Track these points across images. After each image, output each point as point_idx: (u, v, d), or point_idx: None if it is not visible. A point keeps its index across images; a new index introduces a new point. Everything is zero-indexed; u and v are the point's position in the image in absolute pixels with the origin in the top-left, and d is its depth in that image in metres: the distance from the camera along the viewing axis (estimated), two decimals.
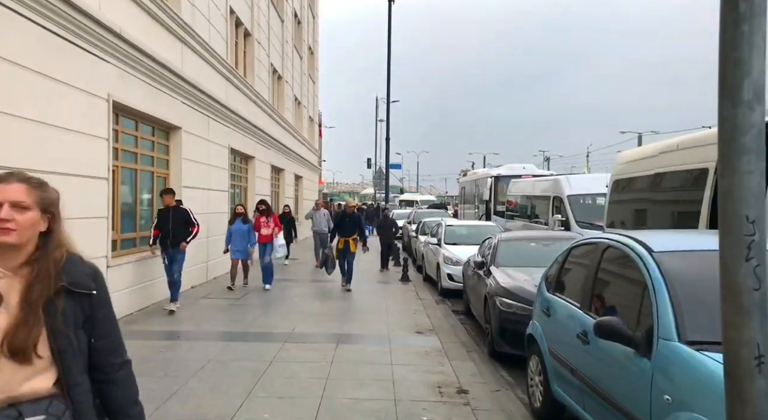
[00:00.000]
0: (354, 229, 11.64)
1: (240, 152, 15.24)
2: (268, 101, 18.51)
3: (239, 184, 15.98)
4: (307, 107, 29.39)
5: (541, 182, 14.51)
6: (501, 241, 8.33)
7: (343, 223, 11.65)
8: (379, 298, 10.65)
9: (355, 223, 11.67)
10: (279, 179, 21.98)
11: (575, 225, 11.99)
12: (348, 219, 11.62)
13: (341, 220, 11.71)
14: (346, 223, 11.61)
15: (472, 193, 23.52)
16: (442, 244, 12.35)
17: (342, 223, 11.68)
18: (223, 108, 12.92)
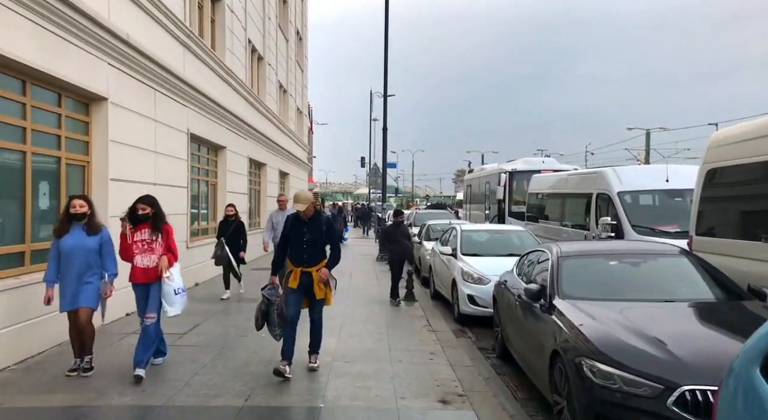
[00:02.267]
0: (317, 248, 5.84)
1: (204, 140, 12.40)
2: (244, 82, 15.68)
3: (205, 179, 13.13)
4: (294, 97, 26.57)
5: (577, 176, 11.75)
6: (563, 259, 5.54)
7: (298, 234, 5.79)
8: (378, 331, 7.86)
9: (319, 236, 5.80)
10: (259, 175, 19.15)
11: (631, 231, 9.25)
12: (306, 228, 5.78)
13: (293, 230, 5.83)
14: (301, 235, 5.77)
15: (479, 192, 20.73)
16: (459, 256, 9.57)
17: (295, 235, 5.80)
18: (177, 80, 10.09)
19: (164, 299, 5.55)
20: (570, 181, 11.96)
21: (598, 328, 4.28)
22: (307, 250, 5.76)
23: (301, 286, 5.75)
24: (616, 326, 4.27)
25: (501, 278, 7.36)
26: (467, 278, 8.87)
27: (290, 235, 5.83)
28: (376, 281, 13.19)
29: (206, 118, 12.30)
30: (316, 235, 5.79)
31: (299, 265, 5.76)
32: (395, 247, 10.30)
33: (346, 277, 13.74)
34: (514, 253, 9.55)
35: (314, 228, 5.79)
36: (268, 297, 5.81)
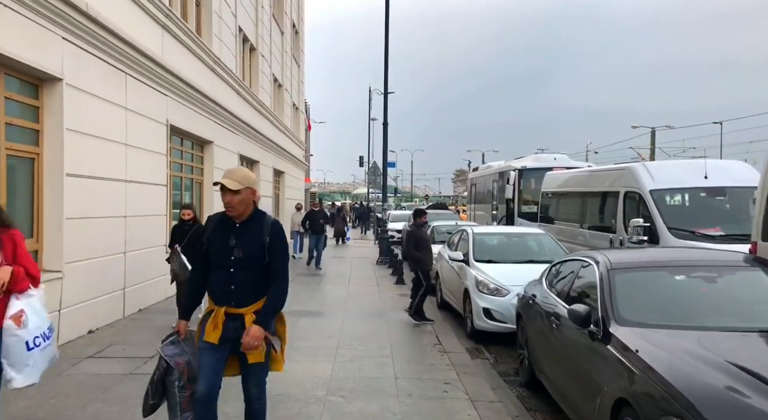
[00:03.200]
0: (254, 275, 3.32)
1: (187, 133, 11.25)
2: (234, 73, 14.53)
3: (189, 176, 11.98)
4: (290, 92, 25.42)
5: (600, 173, 10.61)
6: (616, 272, 4.40)
7: (222, 248, 3.33)
8: (381, 353, 6.71)
9: (257, 252, 3.31)
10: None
11: (668, 234, 8.13)
12: (237, 239, 3.31)
13: (216, 240, 3.36)
14: (228, 251, 3.31)
15: (485, 191, 19.59)
16: (472, 262, 8.43)
17: (219, 250, 3.34)
18: (154, 65, 8.95)
19: (5, 359, 3.23)
20: (591, 179, 10.83)
21: (686, 372, 3.14)
22: (236, 278, 3.26)
23: (225, 340, 3.29)
24: (710, 369, 3.14)
25: (526, 291, 6.23)
26: (482, 289, 7.73)
27: (210, 250, 3.33)
28: (377, 288, 12.06)
29: (189, 109, 11.15)
30: (252, 250, 3.27)
31: (222, 302, 3.28)
32: (426, 255, 8.52)
33: (344, 283, 12.62)
34: (535, 260, 8.46)
35: (251, 239, 3.28)
36: (167, 359, 3.37)
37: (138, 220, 8.42)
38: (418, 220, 8.71)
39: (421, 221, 8.72)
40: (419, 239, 8.55)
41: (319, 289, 11.65)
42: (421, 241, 8.55)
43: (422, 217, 8.76)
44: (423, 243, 8.60)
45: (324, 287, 12.01)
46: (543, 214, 13.36)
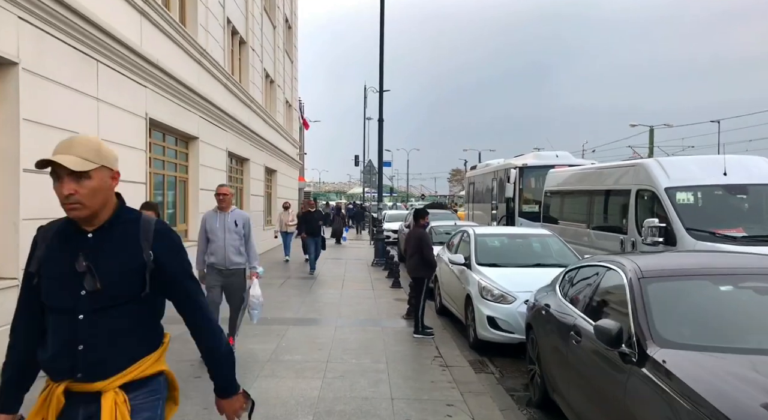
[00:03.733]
0: (121, 320, 1.93)
1: (169, 128, 10.57)
2: (222, 66, 13.85)
3: (172, 174, 11.30)
4: (282, 88, 24.73)
5: (610, 170, 9.97)
6: (648, 282, 3.76)
7: (61, 272, 1.93)
8: (376, 368, 6.06)
9: (124, 278, 1.94)
10: (242, 171, 17.32)
11: (686, 236, 7.51)
12: (87, 255, 1.92)
13: (51, 259, 1.97)
14: (72, 277, 1.92)
15: (484, 190, 18.96)
16: (474, 266, 7.79)
17: (55, 275, 1.94)
18: (130, 53, 8.27)
19: None
20: (599, 176, 10.20)
21: (744, 406, 2.53)
22: (88, 329, 1.90)
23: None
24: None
25: (537, 299, 5.60)
26: (486, 295, 7.09)
27: (42, 283, 1.96)
28: (372, 291, 11.42)
29: (172, 102, 10.48)
30: (117, 276, 1.94)
31: (60, 373, 1.91)
32: (418, 265, 7.80)
33: (338, 286, 11.97)
34: (543, 264, 7.85)
35: (115, 257, 1.96)
36: None
37: None
38: (421, 221, 8.03)
39: (423, 223, 8.04)
40: (427, 243, 7.77)
41: (310, 294, 11.00)
42: (428, 245, 7.83)
43: (424, 218, 8.09)
44: (416, 244, 7.86)
45: (316, 291, 11.35)
46: (546, 213, 12.74)
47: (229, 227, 6.06)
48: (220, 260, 6.03)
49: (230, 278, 6.11)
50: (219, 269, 6.06)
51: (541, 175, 15.16)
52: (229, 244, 6.03)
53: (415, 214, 8.16)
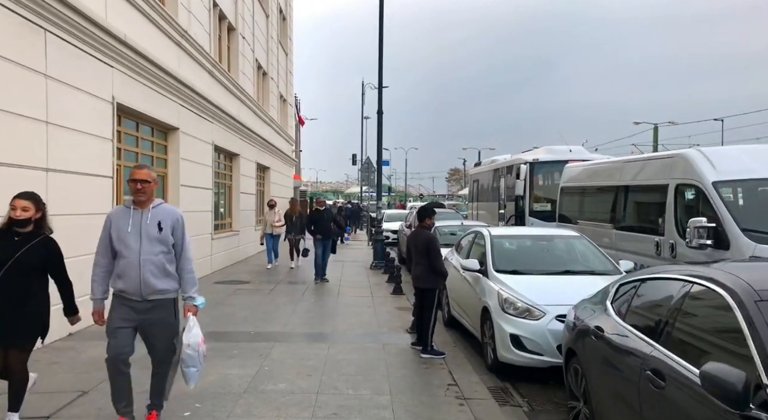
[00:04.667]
0: None
1: (143, 116, 9.39)
2: (207, 51, 12.68)
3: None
4: (276, 82, 23.55)
5: (642, 163, 8.80)
6: (767, 305, 2.63)
7: None
8: (376, 400, 4.90)
9: None
10: (231, 167, 16.14)
11: (742, 237, 6.37)
12: None
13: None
14: None
15: (490, 188, 17.79)
16: (492, 273, 6.62)
17: None
18: (91, 26, 7.10)
19: None
20: (627, 170, 9.04)
21: None
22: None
23: None
24: None
25: (580, 317, 4.46)
26: (508, 309, 5.94)
27: None
28: (371, 299, 10.27)
29: (147, 87, 9.31)
30: None
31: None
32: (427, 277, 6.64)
33: (333, 293, 10.80)
34: (572, 271, 6.69)
35: None
36: None
37: (69, 220, 6.56)
38: (426, 222, 6.85)
39: (428, 224, 6.87)
40: (436, 248, 6.57)
41: (302, 302, 9.84)
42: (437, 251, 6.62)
43: (430, 219, 6.92)
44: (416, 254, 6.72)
45: (309, 299, 10.19)
46: (561, 212, 11.59)
47: (149, 233, 3.83)
48: (132, 286, 3.81)
49: (150, 314, 3.88)
50: (131, 301, 3.85)
51: (554, 171, 14.04)
52: (147, 259, 3.81)
53: (420, 213, 6.98)
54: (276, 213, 14.18)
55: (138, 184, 3.86)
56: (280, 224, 14.13)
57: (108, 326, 3.89)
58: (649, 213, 8.33)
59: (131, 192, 3.91)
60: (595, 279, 6.34)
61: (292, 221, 14.11)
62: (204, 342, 4.03)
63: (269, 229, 14.18)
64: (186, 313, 3.99)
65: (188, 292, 4.01)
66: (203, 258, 12.63)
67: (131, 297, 3.85)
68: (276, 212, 14.21)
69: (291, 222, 14.10)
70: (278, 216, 14.14)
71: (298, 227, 14.01)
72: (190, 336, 3.90)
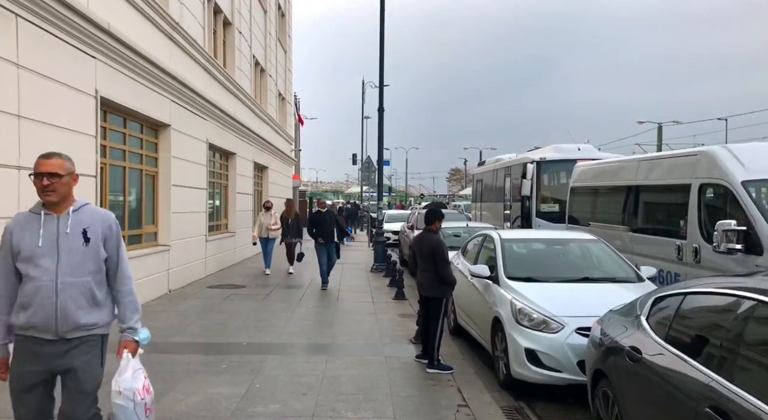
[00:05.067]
0: None
1: (130, 111, 8.87)
2: (200, 45, 12.17)
3: (136, 166, 9.59)
4: (275, 79, 23.03)
5: (658, 162, 8.28)
6: None
7: None
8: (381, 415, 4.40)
9: None
10: (227, 167, 15.62)
11: None
12: None
13: None
14: None
15: (494, 188, 17.25)
16: (503, 280, 6.10)
17: None
18: (68, 11, 6.59)
19: None
20: (644, 169, 8.51)
21: None
22: None
23: None
24: None
25: (609, 333, 3.94)
26: (523, 320, 5.42)
27: None
28: (372, 305, 9.75)
29: (134, 81, 8.79)
30: None
31: None
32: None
33: (332, 298, 10.28)
34: (591, 278, 6.17)
35: None
36: None
37: None
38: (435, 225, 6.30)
39: (435, 227, 6.32)
40: (444, 255, 6.02)
41: (299, 308, 9.32)
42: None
43: (438, 222, 6.38)
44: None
45: (306, 305, 9.67)
46: (572, 213, 11.06)
47: (70, 245, 2.82)
48: (44, 320, 2.76)
49: (68, 359, 2.81)
50: (41, 341, 2.79)
51: (562, 170, 13.53)
52: (68, 282, 2.79)
53: (428, 216, 6.43)
54: (272, 215, 13.32)
55: (44, 178, 2.76)
56: (276, 227, 13.21)
57: (11, 386, 2.78)
58: (669, 215, 7.80)
59: (37, 190, 2.80)
60: (616, 287, 5.83)
61: (288, 224, 13.18)
62: (148, 390, 2.93)
63: (264, 232, 13.25)
64: (121, 351, 2.91)
65: (128, 322, 2.96)
66: (197, 261, 12.12)
67: (42, 335, 2.76)
68: (272, 215, 13.34)
69: (287, 225, 13.18)
70: (274, 219, 13.27)
71: (295, 230, 13.15)
72: (122, 380, 2.81)
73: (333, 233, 11.63)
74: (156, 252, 9.87)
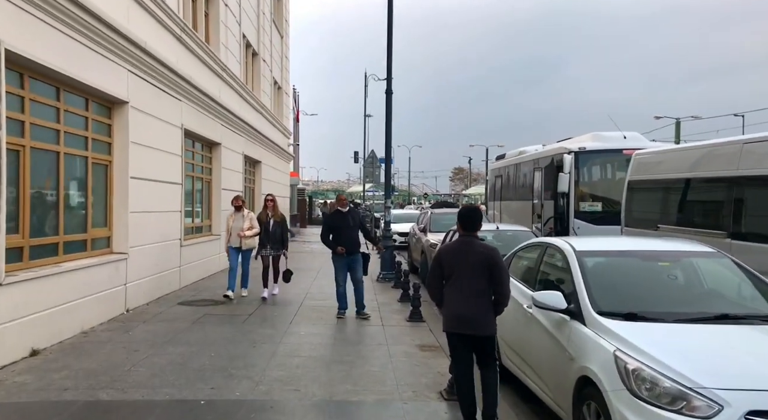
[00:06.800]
0: None
1: (76, 82, 6.73)
2: (176, 13, 10.03)
3: (81, 153, 7.44)
4: (269, 65, 20.91)
5: None
6: None
7: None
8: None
9: None
10: (211, 159, 13.49)
11: None
12: None
13: None
14: None
15: (519, 184, 15.08)
16: (592, 317, 3.93)
17: None
18: None
19: None
20: (748, 156, 6.37)
21: None
22: None
23: None
24: None
25: None
26: (640, 389, 3.27)
27: None
28: (381, 329, 7.67)
29: (71, 38, 6.68)
30: None
31: None
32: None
33: (330, 320, 8.10)
34: (733, 316, 4.01)
35: None
36: None
37: None
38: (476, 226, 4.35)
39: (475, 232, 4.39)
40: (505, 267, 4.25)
41: (287, 336, 7.19)
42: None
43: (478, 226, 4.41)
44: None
45: (297, 330, 7.56)
46: (632, 213, 8.90)
47: None
48: None
49: None
50: None
51: (605, 162, 11.47)
52: None
53: (470, 217, 4.42)
54: (245, 216, 9.60)
55: None
56: (252, 234, 9.53)
57: None
58: None
59: None
60: None
61: (268, 230, 9.54)
62: None
63: (235, 240, 9.57)
64: None
65: None
66: (168, 271, 10.00)
67: None
68: (245, 215, 9.62)
69: (266, 231, 9.54)
70: (249, 222, 9.55)
71: (277, 238, 9.58)
72: None
73: (357, 240, 8.61)
74: (107, 262, 7.75)
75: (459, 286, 4.34)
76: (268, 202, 9.67)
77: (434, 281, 4.55)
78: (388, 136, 12.37)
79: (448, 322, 4.39)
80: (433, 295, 4.58)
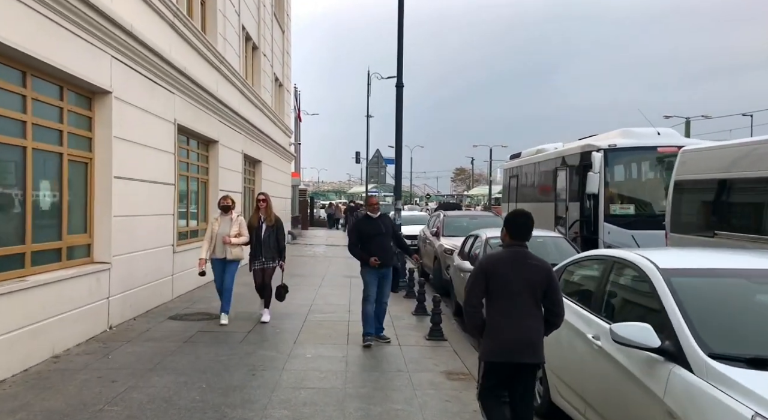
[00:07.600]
0: None
1: (33, 62, 5.74)
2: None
3: (56, 148, 6.45)
4: (270, 60, 19.94)
5: None
6: None
7: None
8: None
9: None
10: (208, 158, 12.52)
11: None
12: None
13: None
14: None
15: (538, 185, 14.09)
16: (702, 362, 2.93)
17: None
18: None
19: None
20: None
21: None
22: None
23: None
24: None
25: None
26: None
27: None
28: (399, 352, 6.70)
29: (43, 16, 5.70)
30: None
31: None
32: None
33: (341, 341, 7.07)
34: None
35: None
36: None
37: None
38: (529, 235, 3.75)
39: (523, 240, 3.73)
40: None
41: (292, 360, 6.22)
42: None
43: (528, 233, 3.75)
44: None
45: (303, 352, 6.58)
46: (679, 218, 7.92)
47: None
48: None
49: None
50: None
51: (638, 161, 10.50)
52: None
53: (519, 224, 3.62)
54: (233, 220, 7.92)
55: None
56: (240, 242, 7.89)
57: None
58: None
59: None
60: None
61: (260, 237, 7.98)
62: None
63: (220, 250, 7.82)
64: None
65: None
66: (159, 280, 9.03)
67: None
68: (233, 218, 7.94)
69: (258, 239, 7.99)
70: (238, 226, 7.89)
71: (272, 246, 8.01)
72: None
73: (391, 250, 7.39)
74: (86, 273, 6.78)
75: (511, 305, 3.53)
76: (261, 202, 8.10)
77: (476, 300, 3.63)
78: (399, 132, 11.39)
79: (499, 348, 3.53)
80: (474, 315, 3.64)
